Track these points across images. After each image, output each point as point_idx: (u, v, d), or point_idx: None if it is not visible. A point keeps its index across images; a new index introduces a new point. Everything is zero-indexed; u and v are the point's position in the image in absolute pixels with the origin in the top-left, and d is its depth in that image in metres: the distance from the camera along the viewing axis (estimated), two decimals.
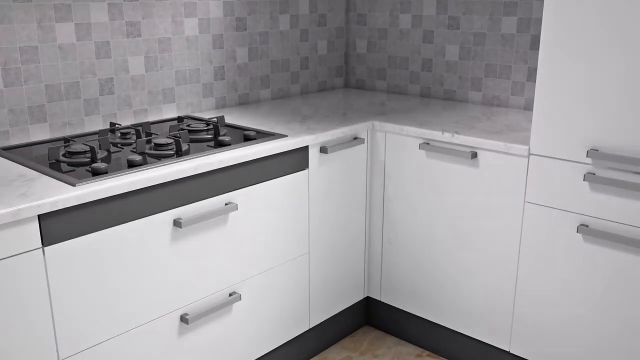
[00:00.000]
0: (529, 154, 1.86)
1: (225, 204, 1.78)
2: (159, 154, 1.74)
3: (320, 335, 2.28)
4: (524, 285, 1.95)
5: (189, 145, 1.84)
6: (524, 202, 1.89)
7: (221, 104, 2.42)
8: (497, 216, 1.96)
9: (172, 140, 1.80)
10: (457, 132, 2.01)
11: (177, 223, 1.65)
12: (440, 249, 2.13)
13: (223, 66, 2.39)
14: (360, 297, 2.37)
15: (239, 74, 2.46)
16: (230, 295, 1.86)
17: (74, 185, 1.47)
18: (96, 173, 1.56)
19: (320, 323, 2.25)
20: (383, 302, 2.39)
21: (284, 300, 2.05)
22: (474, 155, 1.96)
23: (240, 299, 1.86)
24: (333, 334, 2.33)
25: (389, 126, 2.15)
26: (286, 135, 1.96)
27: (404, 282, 2.27)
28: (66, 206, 1.42)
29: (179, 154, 1.75)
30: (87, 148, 1.72)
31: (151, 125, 2.12)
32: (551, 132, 1.80)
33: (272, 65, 2.58)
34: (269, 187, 1.90)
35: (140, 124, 2.00)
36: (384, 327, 2.43)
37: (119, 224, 1.54)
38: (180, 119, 2.13)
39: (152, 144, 1.80)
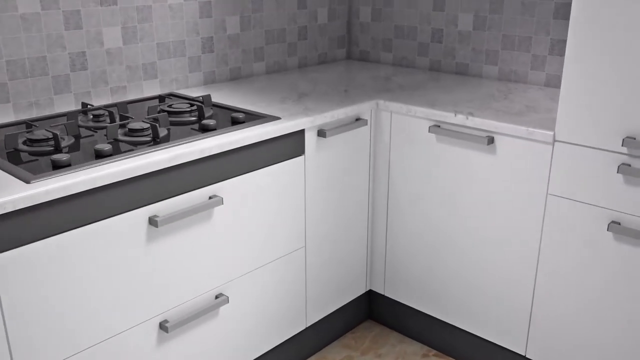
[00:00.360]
0: (554, 141, 1.64)
1: (209, 198, 1.58)
2: (134, 141, 1.53)
3: (318, 333, 2.09)
4: (543, 286, 1.75)
5: (168, 130, 1.63)
6: (547, 194, 1.68)
7: (210, 80, 2.20)
8: (516, 209, 1.75)
9: (148, 125, 1.58)
10: (471, 114, 1.78)
11: (152, 221, 1.44)
12: (451, 243, 1.93)
13: (211, 37, 2.16)
14: (362, 291, 2.18)
15: (229, 45, 2.22)
16: (216, 297, 1.67)
17: (28, 182, 1.27)
18: (57, 166, 1.35)
19: (319, 321, 2.07)
20: (386, 297, 2.20)
21: (278, 300, 1.86)
22: (491, 140, 1.74)
23: (227, 301, 1.67)
24: (333, 331, 2.15)
25: (395, 106, 1.93)
26: (279, 118, 1.74)
27: (409, 276, 2.07)
28: (17, 208, 1.21)
29: (156, 141, 1.53)
30: (50, 135, 1.51)
31: (129, 106, 1.90)
32: (581, 117, 1.58)
33: (266, 36, 2.34)
34: (259, 176, 1.69)
35: (116, 104, 1.78)
36: (387, 322, 2.25)
37: (84, 225, 1.34)
38: (162, 98, 1.91)
39: (127, 129, 1.59)
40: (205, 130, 1.63)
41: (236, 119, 1.70)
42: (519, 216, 1.75)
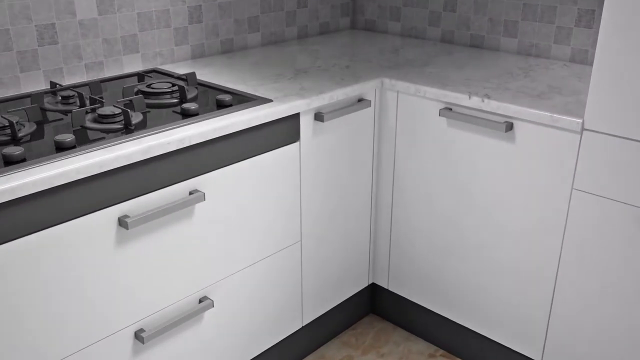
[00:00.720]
0: (582, 129, 1.43)
1: (190, 193, 1.40)
2: (104, 128, 1.34)
3: (316, 330, 1.94)
4: (565, 289, 1.57)
5: (144, 115, 1.44)
6: (572, 189, 1.49)
7: (198, 53, 1.99)
8: (536, 205, 1.56)
9: (119, 111, 1.39)
10: (487, 96, 1.58)
11: (122, 222, 1.27)
12: (463, 238, 1.74)
13: (200, 5, 1.95)
14: (364, 285, 2.02)
15: (220, 15, 2.01)
16: (200, 302, 1.51)
17: None
18: (9, 161, 1.17)
19: (316, 318, 1.91)
20: (390, 291, 2.03)
21: (271, 299, 1.69)
22: (510, 127, 1.54)
23: (212, 305, 1.50)
24: (333, 328, 1.99)
25: (402, 85, 1.72)
26: (271, 100, 1.55)
27: (415, 271, 1.90)
28: None
29: (129, 128, 1.35)
30: (7, 122, 1.32)
31: (105, 84, 1.71)
32: (615, 102, 1.37)
33: (262, 4, 2.12)
34: (248, 167, 1.51)
35: (88, 84, 1.59)
36: (391, 317, 2.09)
37: (42, 229, 1.17)
38: (141, 77, 1.72)
39: (96, 115, 1.40)
40: (186, 115, 1.44)
41: (222, 102, 1.50)
42: (539, 212, 1.56)
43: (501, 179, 1.61)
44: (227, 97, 1.51)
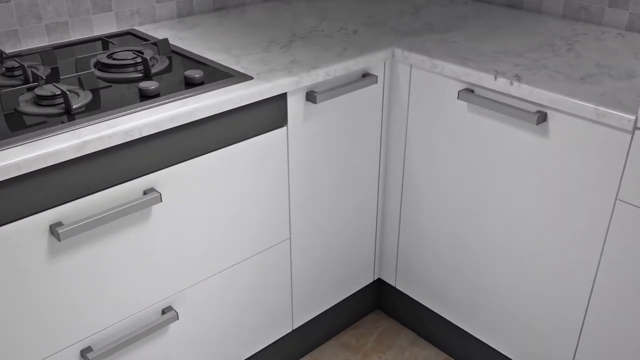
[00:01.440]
0: (635, 128, 1.13)
1: (144, 193, 1.17)
2: (41, 113, 1.11)
3: (310, 332, 1.73)
4: (599, 308, 1.31)
5: (96, 95, 1.20)
6: (616, 199, 1.20)
7: (186, 11, 1.72)
8: (571, 213, 1.28)
9: (59, 92, 1.15)
10: (518, 77, 1.28)
11: (54, 231, 1.05)
12: (481, 242, 1.48)
13: None
14: (369, 281, 1.78)
15: None
16: (163, 313, 1.30)
17: None
18: None
19: (311, 320, 1.70)
20: (398, 290, 1.79)
21: (252, 304, 1.48)
22: (543, 118, 1.25)
23: (177, 318, 1.29)
24: (331, 327, 1.78)
25: (416, 58, 1.43)
26: (251, 77, 1.29)
27: (426, 273, 1.65)
28: None
29: (70, 114, 1.11)
30: None
31: (69, 51, 1.47)
32: None
33: None
34: (219, 158, 1.26)
35: (39, 51, 1.35)
36: (398, 316, 1.86)
37: None
38: (105, 43, 1.47)
39: (34, 95, 1.17)
40: (144, 97, 1.19)
41: (191, 79, 1.25)
42: (573, 225, 1.28)
43: (529, 178, 1.33)
44: (197, 74, 1.25)
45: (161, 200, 1.16)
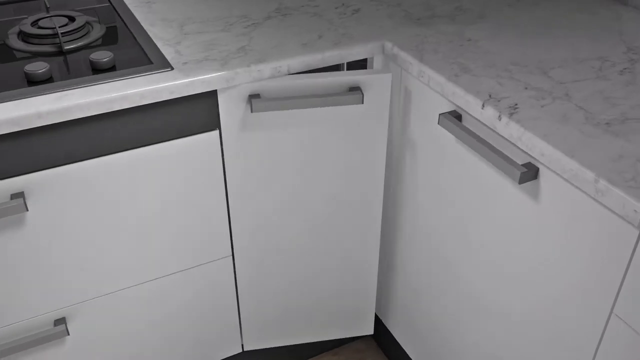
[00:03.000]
0: None
1: (11, 197, 0.99)
2: None
3: (278, 353, 1.51)
4: None
5: None
6: (610, 312, 0.83)
7: None
8: (553, 314, 0.92)
9: None
10: (513, 109, 0.91)
11: None
12: (464, 300, 1.15)
13: None
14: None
15: None
16: (55, 325, 1.15)
17: None
18: None
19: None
20: (384, 325, 1.50)
21: (183, 325, 1.28)
22: (533, 174, 0.88)
23: (67, 333, 1.14)
24: (312, 347, 1.55)
25: (405, 57, 1.09)
26: (170, 68, 1.04)
27: (405, 310, 1.35)
28: None
29: None
30: None
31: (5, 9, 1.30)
32: None
33: None
34: (130, 161, 1.05)
35: None
36: (388, 349, 1.58)
37: None
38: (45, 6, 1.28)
39: None
40: (32, 82, 1.00)
41: (98, 63, 1.03)
42: (560, 326, 0.92)
43: (511, 246, 0.97)
44: (105, 58, 1.03)
45: (27, 209, 0.98)
